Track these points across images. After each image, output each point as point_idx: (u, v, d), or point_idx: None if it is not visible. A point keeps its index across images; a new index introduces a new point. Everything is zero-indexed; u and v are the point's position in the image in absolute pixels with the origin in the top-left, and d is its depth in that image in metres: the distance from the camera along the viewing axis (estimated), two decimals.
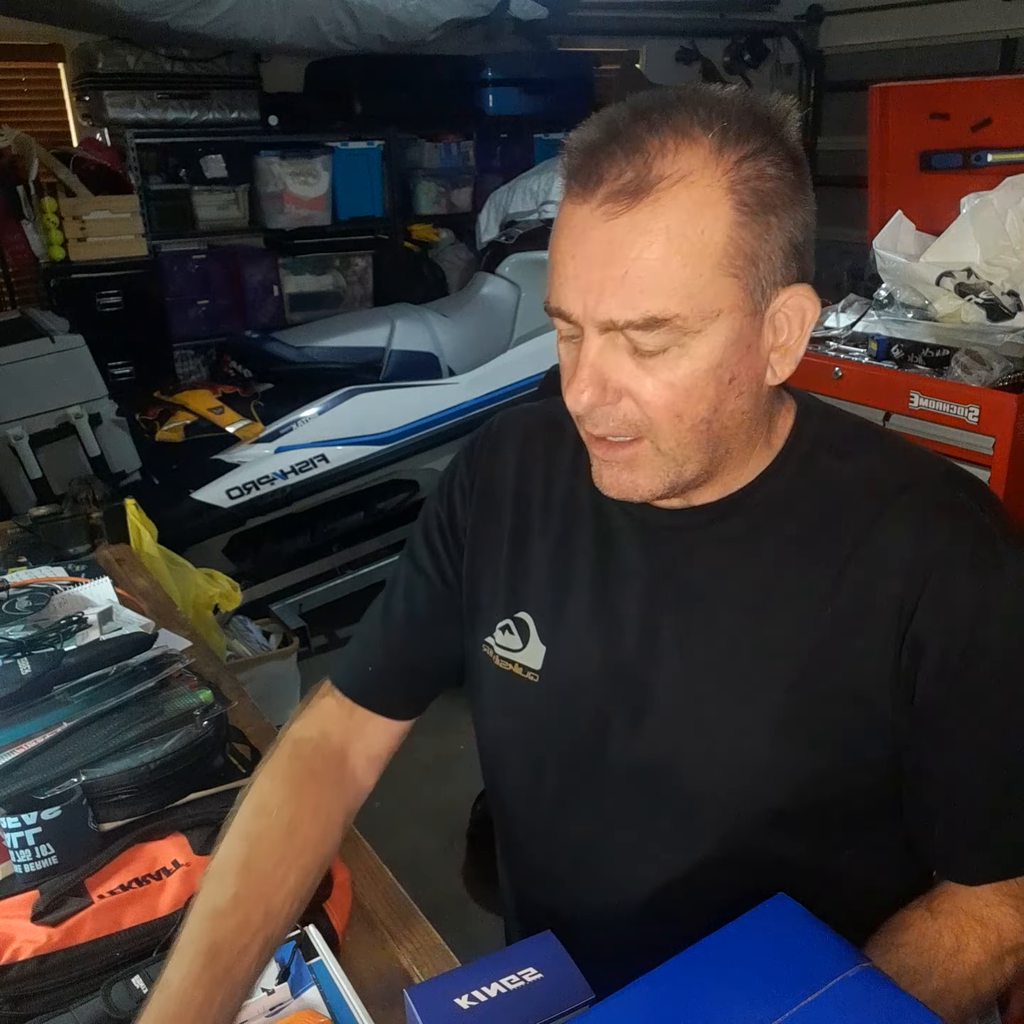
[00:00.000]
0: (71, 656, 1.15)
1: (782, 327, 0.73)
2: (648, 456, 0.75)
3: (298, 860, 0.84)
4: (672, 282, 0.67)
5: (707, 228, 0.67)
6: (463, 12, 3.53)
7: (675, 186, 0.66)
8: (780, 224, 0.70)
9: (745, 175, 0.67)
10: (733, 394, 0.73)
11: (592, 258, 0.68)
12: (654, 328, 0.68)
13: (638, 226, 0.66)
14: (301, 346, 3.27)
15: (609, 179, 0.67)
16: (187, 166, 3.76)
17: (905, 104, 1.99)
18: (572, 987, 0.69)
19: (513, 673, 0.88)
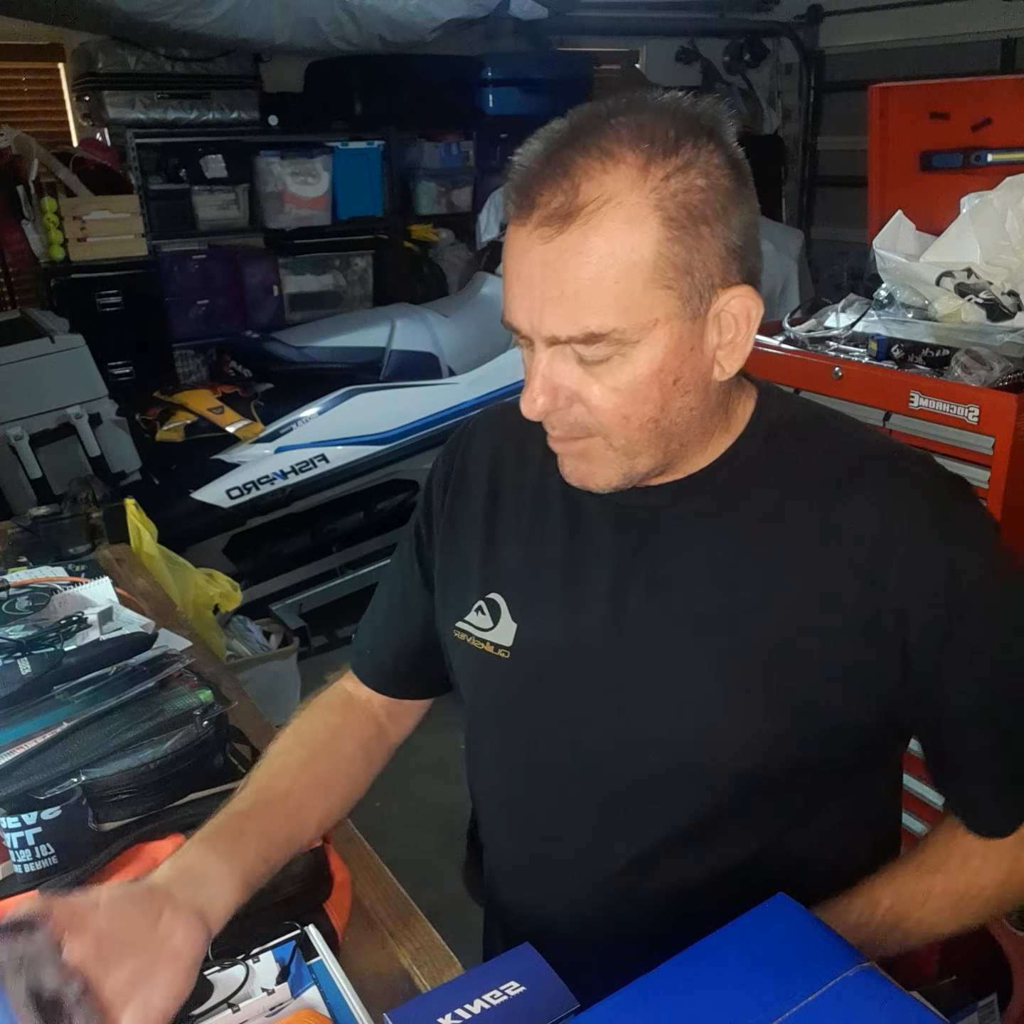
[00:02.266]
0: (71, 656, 1.15)
1: (728, 326, 0.76)
2: (600, 451, 0.79)
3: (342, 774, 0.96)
4: (606, 299, 0.70)
5: (636, 245, 0.70)
6: (463, 12, 3.53)
7: (603, 208, 0.69)
8: (713, 232, 0.72)
9: (672, 190, 0.70)
10: (679, 393, 0.76)
11: (532, 279, 0.72)
12: (594, 342, 0.72)
13: (570, 248, 0.69)
14: (301, 346, 3.27)
15: (541, 204, 0.70)
16: (187, 166, 3.75)
17: (905, 104, 1.99)
18: (556, 998, 0.68)
19: (485, 652, 0.91)
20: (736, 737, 0.81)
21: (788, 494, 0.82)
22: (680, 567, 0.83)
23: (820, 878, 0.86)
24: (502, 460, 0.96)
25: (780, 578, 0.80)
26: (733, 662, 0.81)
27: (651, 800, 0.85)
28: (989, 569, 0.80)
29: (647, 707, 0.83)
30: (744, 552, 0.81)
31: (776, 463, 0.83)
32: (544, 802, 0.91)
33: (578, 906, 0.91)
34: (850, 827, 0.90)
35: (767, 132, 5.19)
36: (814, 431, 0.85)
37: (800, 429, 0.85)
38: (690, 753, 0.83)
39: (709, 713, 0.81)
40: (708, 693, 0.81)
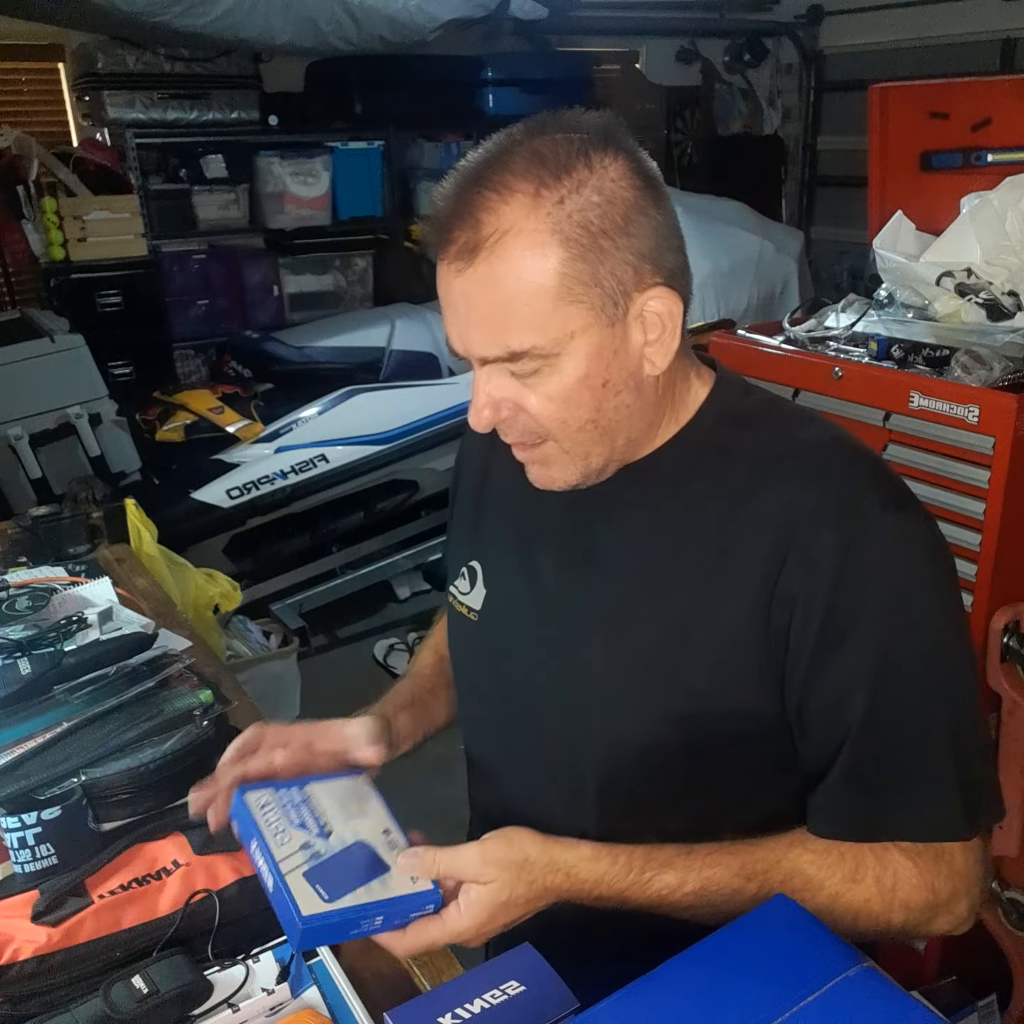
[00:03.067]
0: (71, 656, 1.15)
1: (654, 325, 0.80)
2: (555, 454, 0.84)
3: None
4: (520, 320, 0.76)
5: (539, 269, 0.74)
6: (463, 12, 3.52)
7: (503, 238, 0.74)
8: (616, 244, 0.76)
9: (568, 212, 0.74)
10: (611, 394, 0.81)
11: (456, 307, 0.78)
12: (517, 359, 0.78)
13: (481, 278, 0.75)
14: (301, 346, 3.27)
15: (452, 239, 0.76)
16: (187, 166, 3.76)
17: (905, 104, 1.99)
18: (556, 997, 0.69)
19: (462, 614, 1.00)
20: (642, 704, 0.86)
21: (717, 482, 0.85)
22: (613, 548, 0.89)
23: None
24: (496, 441, 1.01)
25: (694, 563, 0.84)
26: (646, 635, 0.85)
27: (575, 763, 0.90)
28: (874, 576, 0.78)
29: (573, 676, 0.90)
30: (667, 537, 0.87)
31: (713, 453, 0.86)
32: (503, 759, 0.99)
33: None
34: (788, 822, 0.88)
35: (767, 132, 5.20)
36: (758, 422, 0.88)
37: (747, 420, 0.88)
38: (600, 723, 0.88)
39: (615, 686, 0.87)
40: (616, 667, 0.87)
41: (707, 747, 0.85)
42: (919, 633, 0.80)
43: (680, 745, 0.85)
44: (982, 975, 1.61)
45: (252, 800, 0.81)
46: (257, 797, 0.81)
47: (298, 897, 0.72)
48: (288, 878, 0.73)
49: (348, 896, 0.73)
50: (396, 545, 3.48)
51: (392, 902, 0.75)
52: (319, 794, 0.83)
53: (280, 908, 0.73)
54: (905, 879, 0.79)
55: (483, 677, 1.00)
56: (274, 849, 0.76)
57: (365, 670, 3.20)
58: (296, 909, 0.71)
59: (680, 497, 0.87)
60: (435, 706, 1.08)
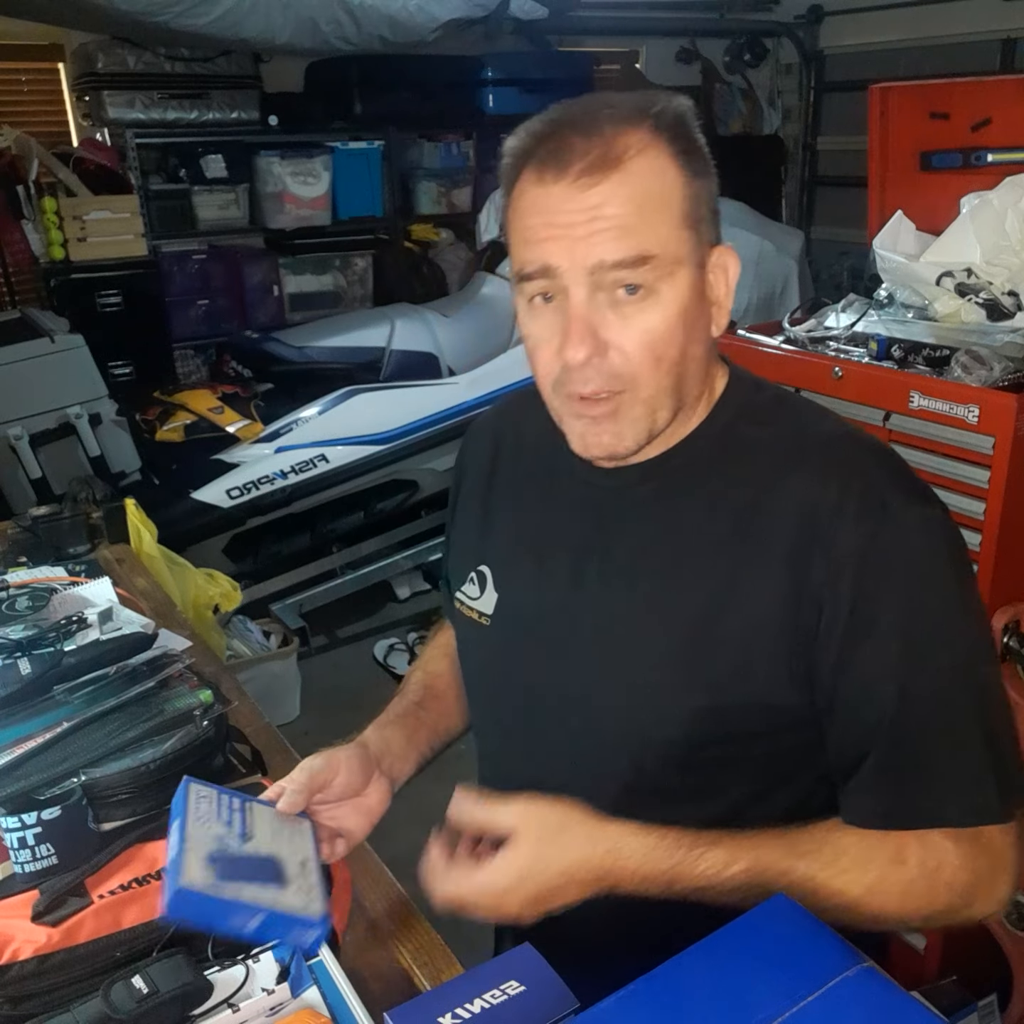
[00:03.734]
0: (71, 656, 1.15)
1: (717, 282, 0.84)
2: (628, 407, 0.82)
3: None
4: (649, 228, 0.78)
5: (666, 187, 0.79)
6: (463, 12, 3.52)
7: (636, 156, 0.78)
8: (707, 187, 0.82)
9: (682, 147, 0.80)
10: (694, 340, 0.82)
11: (574, 222, 0.77)
12: (640, 265, 0.77)
13: (614, 190, 0.77)
14: (301, 346, 3.27)
15: (577, 159, 0.77)
16: (187, 166, 3.76)
17: (905, 104, 1.99)
18: (556, 997, 0.69)
19: (472, 619, 0.99)
20: (662, 709, 0.85)
21: (735, 479, 0.85)
22: (631, 546, 0.89)
23: None
24: (501, 442, 1.04)
25: (715, 559, 0.84)
26: (669, 632, 0.85)
27: (602, 758, 0.89)
28: (897, 567, 0.79)
29: (594, 671, 0.89)
30: (689, 533, 0.86)
31: (732, 449, 0.87)
32: (525, 764, 0.96)
33: None
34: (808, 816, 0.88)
35: (767, 132, 5.20)
36: (773, 419, 0.88)
37: (762, 416, 0.88)
38: (624, 723, 0.87)
39: (639, 685, 0.86)
40: (644, 659, 0.86)
41: (732, 743, 0.85)
42: (944, 620, 0.81)
43: (705, 742, 0.85)
44: (982, 975, 1.61)
45: (192, 790, 0.84)
46: (198, 790, 0.84)
47: (186, 867, 0.74)
48: (187, 851, 0.76)
49: (233, 886, 0.75)
50: (396, 545, 3.48)
51: (274, 913, 0.76)
52: (258, 812, 0.85)
53: (169, 876, 0.75)
54: (948, 860, 0.78)
55: (498, 681, 0.99)
56: (189, 826, 0.78)
57: (365, 670, 3.20)
58: (178, 873, 0.73)
59: (700, 494, 0.87)
60: (431, 718, 1.06)
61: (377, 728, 1.00)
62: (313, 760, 0.90)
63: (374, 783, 0.93)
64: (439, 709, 1.08)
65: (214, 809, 0.82)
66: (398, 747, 0.99)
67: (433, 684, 1.10)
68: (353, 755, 0.92)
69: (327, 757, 0.90)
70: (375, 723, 1.02)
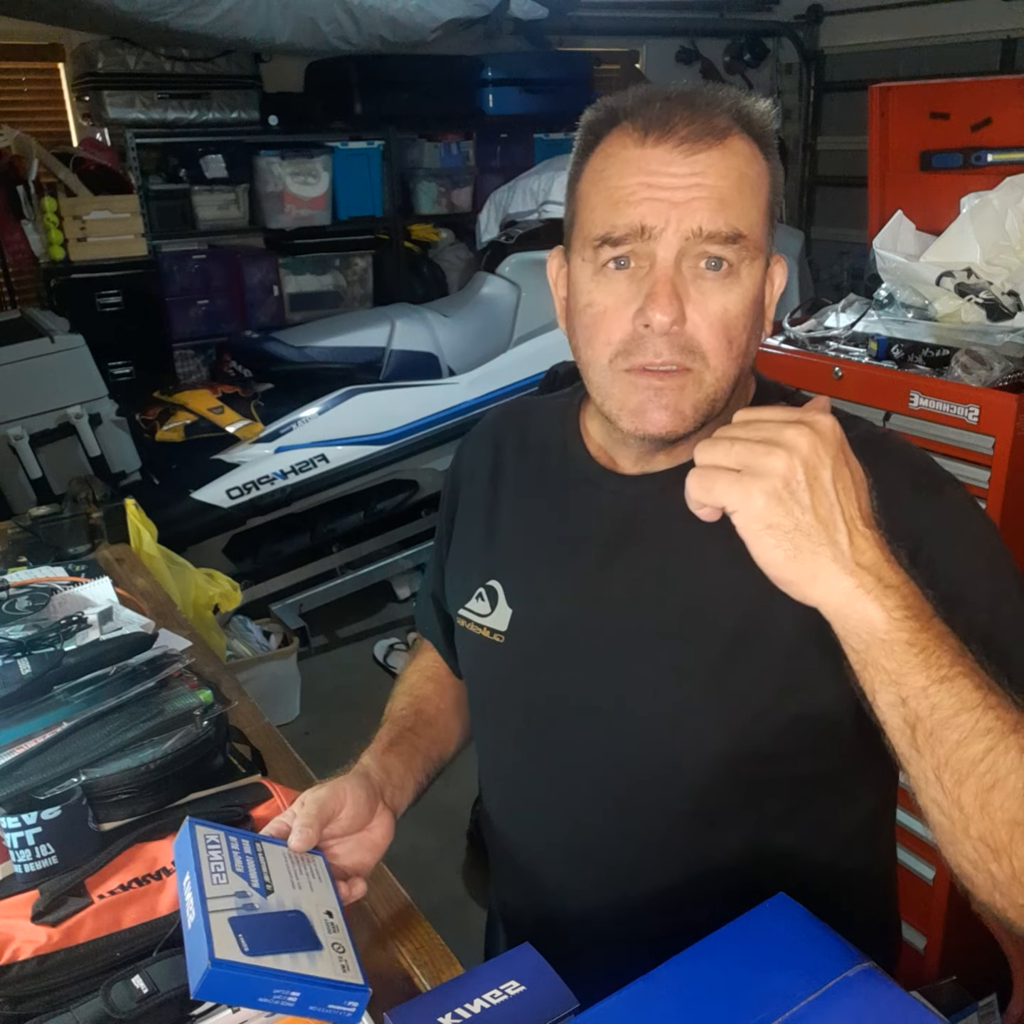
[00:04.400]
0: (71, 656, 1.15)
1: (769, 288, 0.84)
2: (692, 387, 0.79)
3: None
4: (744, 207, 0.78)
5: (757, 174, 0.79)
6: (463, 12, 3.53)
7: (734, 137, 0.78)
8: (781, 190, 0.82)
9: (766, 143, 0.81)
10: (755, 333, 0.82)
11: (673, 187, 0.76)
12: (731, 243, 0.76)
13: (716, 162, 0.77)
14: (301, 346, 3.27)
15: (682, 126, 0.77)
16: (187, 166, 3.75)
17: (905, 104, 1.99)
18: (556, 997, 0.68)
19: (482, 637, 0.94)
20: (697, 729, 0.82)
21: None
22: (659, 553, 0.85)
23: (813, 879, 0.85)
24: (503, 449, 1.00)
25: (749, 569, 0.78)
26: (704, 643, 0.82)
27: (632, 782, 0.86)
28: (962, 528, 0.79)
29: (625, 683, 0.85)
30: (719, 542, 0.80)
31: None
32: (548, 782, 0.92)
33: (575, 888, 0.92)
34: (838, 832, 0.88)
35: None
36: None
37: None
38: (656, 738, 0.84)
39: (672, 703, 0.83)
40: (673, 684, 0.83)
41: (768, 758, 0.82)
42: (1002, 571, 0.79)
43: (744, 759, 0.82)
44: (982, 975, 1.61)
45: (200, 834, 0.76)
46: (205, 833, 0.76)
47: (216, 937, 0.65)
48: (212, 917, 0.67)
49: (269, 957, 0.66)
50: (396, 545, 3.48)
51: (315, 981, 0.68)
52: (270, 854, 0.78)
53: (193, 946, 0.66)
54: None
55: (512, 700, 0.94)
56: (207, 886, 0.70)
57: (365, 670, 3.20)
58: (210, 946, 0.64)
59: None
60: (424, 744, 1.02)
61: (374, 756, 0.95)
62: (317, 791, 0.85)
63: (378, 816, 0.88)
64: (431, 735, 1.04)
65: (226, 857, 0.75)
66: (397, 777, 0.94)
67: (423, 709, 1.06)
68: (358, 785, 0.87)
69: (332, 787, 0.85)
70: (370, 751, 0.96)
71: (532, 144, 4.36)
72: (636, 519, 0.87)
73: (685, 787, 0.84)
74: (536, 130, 4.33)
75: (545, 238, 3.32)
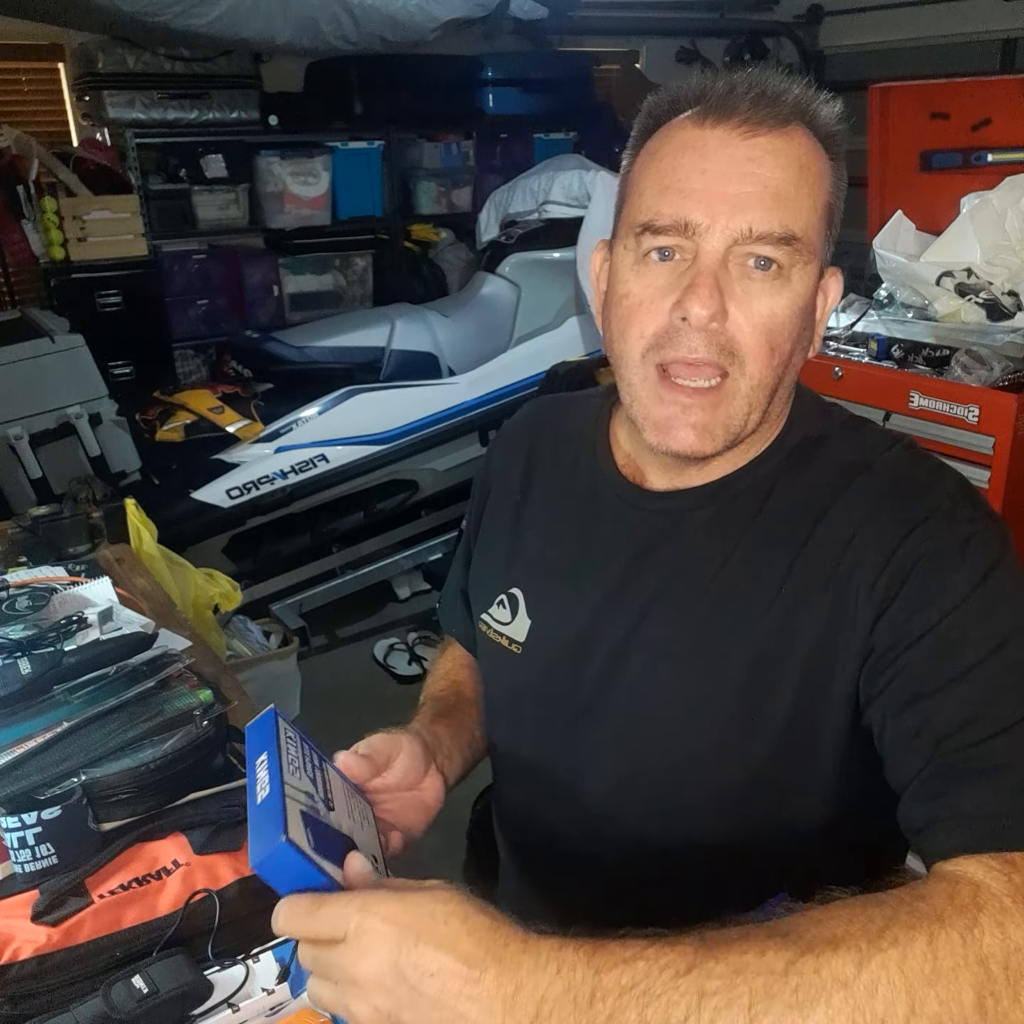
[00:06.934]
0: (71, 656, 1.15)
1: (819, 303, 0.79)
2: (729, 396, 0.75)
3: None
4: (800, 206, 0.73)
5: (820, 171, 0.75)
6: (463, 12, 3.52)
7: (798, 127, 0.74)
8: (843, 197, 0.78)
9: (831, 145, 0.77)
10: (800, 347, 0.77)
11: (727, 174, 0.72)
12: (783, 246, 0.72)
13: (776, 149, 0.73)
14: (301, 346, 3.27)
15: (745, 107, 0.73)
16: (187, 166, 3.75)
17: (905, 104, 1.99)
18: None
19: (501, 645, 0.94)
20: (715, 752, 0.81)
21: (793, 507, 0.80)
22: (683, 574, 0.83)
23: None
24: (535, 457, 0.98)
25: (772, 589, 0.78)
26: (724, 669, 0.80)
27: (649, 793, 0.85)
28: (951, 556, 0.71)
29: (641, 705, 0.84)
30: (741, 562, 0.80)
31: (791, 476, 0.81)
32: (551, 798, 0.92)
33: (591, 889, 0.91)
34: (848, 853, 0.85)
35: None
36: (842, 448, 0.82)
37: (829, 444, 0.82)
38: (670, 762, 0.83)
39: (687, 724, 0.82)
40: (687, 705, 0.81)
41: (786, 780, 0.80)
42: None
43: (758, 782, 0.80)
44: None
45: (281, 726, 0.73)
46: (285, 727, 0.73)
47: (290, 820, 0.62)
48: (287, 801, 0.64)
49: (327, 863, 0.64)
50: (396, 545, 3.48)
51: None
52: (333, 779, 0.76)
53: (261, 821, 0.63)
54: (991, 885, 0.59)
55: (527, 711, 0.93)
56: (286, 774, 0.67)
57: (365, 670, 3.20)
58: (285, 824, 0.61)
59: (757, 525, 0.80)
60: (468, 722, 1.01)
61: (423, 723, 0.94)
62: (373, 736, 0.83)
63: (430, 777, 0.86)
64: (473, 715, 1.02)
65: (300, 758, 0.71)
66: (446, 746, 0.92)
67: (462, 691, 1.05)
68: (414, 739, 0.85)
69: (389, 735, 0.84)
70: (419, 718, 0.95)
71: (532, 144, 4.36)
72: (662, 538, 0.84)
73: (705, 806, 0.83)
74: (536, 130, 4.32)
75: (545, 238, 3.32)
